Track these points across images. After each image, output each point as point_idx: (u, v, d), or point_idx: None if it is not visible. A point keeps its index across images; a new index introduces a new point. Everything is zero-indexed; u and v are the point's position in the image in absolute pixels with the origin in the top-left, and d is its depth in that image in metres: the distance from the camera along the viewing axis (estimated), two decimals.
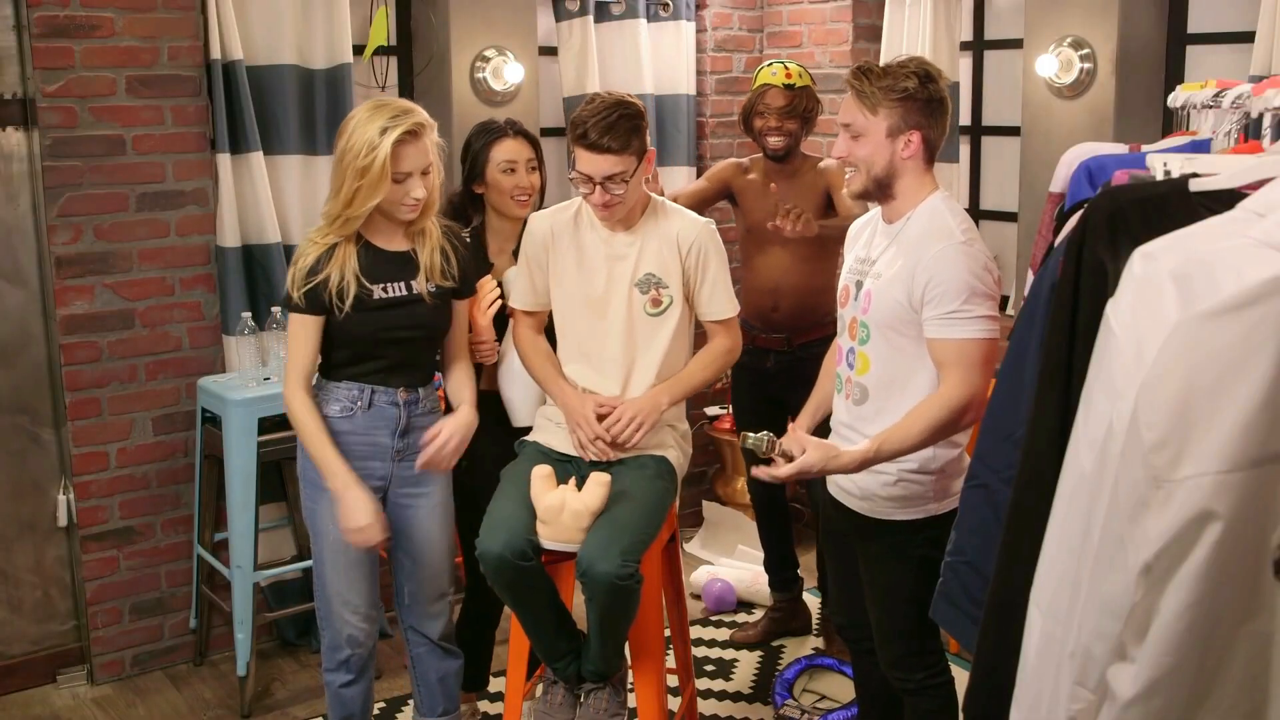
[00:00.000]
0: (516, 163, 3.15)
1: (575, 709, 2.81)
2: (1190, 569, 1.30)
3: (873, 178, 2.52)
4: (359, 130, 2.69)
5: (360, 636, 2.90)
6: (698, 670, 3.77)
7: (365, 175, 2.67)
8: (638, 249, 2.85)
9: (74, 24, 3.47)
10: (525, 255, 2.94)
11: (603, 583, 2.59)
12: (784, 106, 3.68)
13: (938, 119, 2.51)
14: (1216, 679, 1.35)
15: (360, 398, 2.82)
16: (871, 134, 2.49)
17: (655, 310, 2.86)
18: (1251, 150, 2.15)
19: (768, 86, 3.69)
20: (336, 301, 2.72)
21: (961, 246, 2.43)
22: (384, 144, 2.65)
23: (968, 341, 2.41)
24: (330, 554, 2.84)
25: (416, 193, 2.73)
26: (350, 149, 2.69)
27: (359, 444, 2.82)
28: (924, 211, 2.51)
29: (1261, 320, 1.25)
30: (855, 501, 2.63)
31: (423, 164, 2.74)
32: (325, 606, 2.90)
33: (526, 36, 4.31)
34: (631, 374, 2.87)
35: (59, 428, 3.73)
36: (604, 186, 2.73)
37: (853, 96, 2.52)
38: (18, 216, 3.63)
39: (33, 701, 3.72)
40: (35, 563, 3.77)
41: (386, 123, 2.68)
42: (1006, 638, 1.68)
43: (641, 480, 2.79)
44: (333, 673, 2.92)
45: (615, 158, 2.71)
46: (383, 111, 2.70)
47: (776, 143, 3.69)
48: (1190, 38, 3.91)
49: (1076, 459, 1.48)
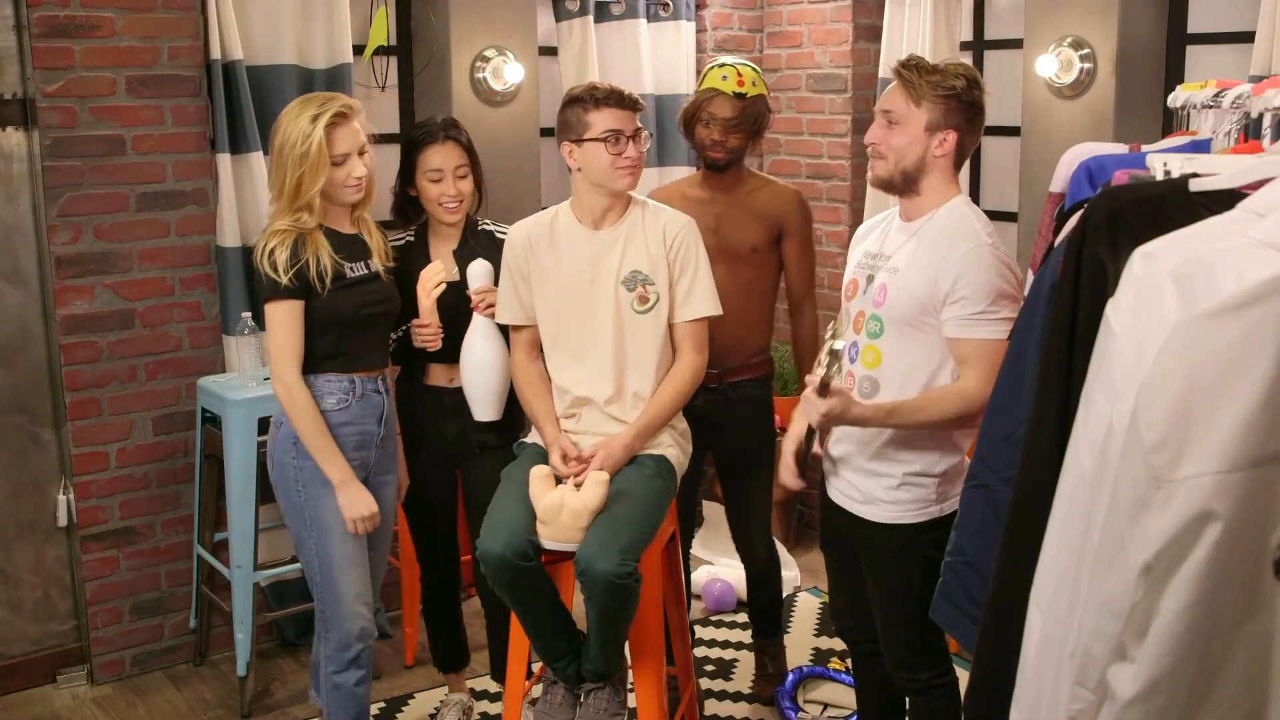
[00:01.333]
0: (443, 171, 3.09)
1: (575, 709, 2.81)
2: (1190, 569, 1.30)
3: (901, 169, 2.52)
4: (291, 124, 2.83)
5: (370, 629, 2.96)
6: (698, 670, 3.77)
7: (305, 161, 2.80)
8: (621, 246, 2.85)
9: (74, 24, 3.47)
10: (507, 268, 2.95)
11: (601, 582, 2.59)
12: (731, 118, 3.29)
13: (975, 125, 2.53)
14: (1216, 679, 1.35)
15: (352, 389, 2.92)
16: (910, 124, 2.49)
17: (642, 308, 2.86)
18: (1251, 150, 2.15)
19: (714, 93, 3.30)
20: (317, 284, 2.83)
21: (989, 248, 2.45)
22: (317, 129, 2.80)
23: (992, 342, 2.42)
24: (339, 550, 2.88)
25: (358, 171, 2.89)
26: (287, 142, 2.82)
27: (354, 434, 2.91)
28: (948, 212, 2.52)
29: (1261, 320, 1.25)
30: (857, 506, 2.63)
31: (357, 144, 2.90)
32: (333, 605, 2.90)
33: (526, 36, 4.31)
34: (625, 374, 2.87)
35: (59, 428, 3.72)
36: (634, 142, 2.80)
37: (899, 85, 2.52)
38: (18, 216, 3.63)
39: (33, 701, 3.72)
40: (35, 563, 3.77)
41: (316, 110, 2.83)
42: (1006, 638, 1.68)
43: (640, 479, 2.79)
44: (344, 673, 2.92)
45: (634, 114, 2.84)
46: (310, 103, 2.86)
47: (717, 156, 3.34)
48: (1190, 38, 3.91)
49: (1076, 459, 1.48)
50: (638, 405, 2.87)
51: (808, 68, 4.82)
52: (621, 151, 2.80)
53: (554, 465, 2.80)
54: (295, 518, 2.91)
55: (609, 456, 2.78)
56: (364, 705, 2.98)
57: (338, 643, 2.91)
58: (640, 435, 2.83)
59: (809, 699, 3.68)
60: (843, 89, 4.70)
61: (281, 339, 2.83)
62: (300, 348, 2.84)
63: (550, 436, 2.86)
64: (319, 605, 2.95)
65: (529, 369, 2.98)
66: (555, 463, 2.81)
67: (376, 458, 3.00)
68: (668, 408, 2.87)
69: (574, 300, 2.87)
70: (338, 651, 2.91)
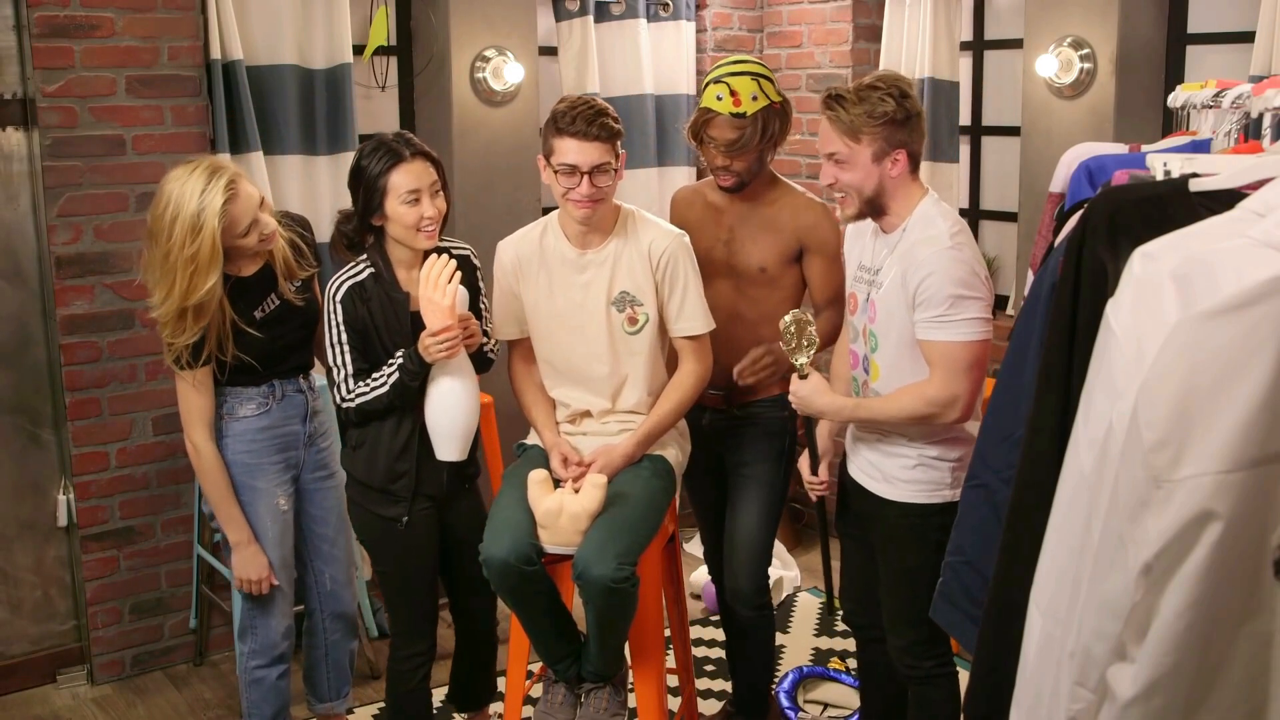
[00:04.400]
0: (420, 190, 2.70)
1: (575, 709, 2.81)
2: (1190, 569, 1.30)
3: (865, 200, 2.54)
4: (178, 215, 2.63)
5: (292, 625, 3.06)
6: (698, 670, 3.77)
7: (195, 261, 2.64)
8: (610, 266, 2.82)
9: (74, 24, 3.47)
10: (499, 285, 2.92)
11: (599, 586, 2.59)
12: (733, 142, 2.90)
13: (918, 133, 2.53)
14: (1216, 679, 1.34)
15: (271, 393, 2.94)
16: (857, 160, 2.50)
17: (633, 329, 2.84)
18: (1251, 150, 2.15)
19: (712, 114, 2.92)
20: (219, 355, 2.79)
21: (949, 251, 2.45)
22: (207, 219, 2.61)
23: (952, 344, 2.45)
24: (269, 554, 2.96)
25: (268, 228, 2.78)
26: (175, 243, 2.63)
27: (277, 437, 2.93)
28: (918, 219, 2.53)
29: (1261, 320, 1.25)
30: (874, 484, 2.66)
31: (254, 207, 2.73)
32: (261, 606, 3.00)
33: (526, 36, 4.31)
34: (622, 389, 2.88)
35: (59, 428, 3.72)
36: (591, 178, 2.69)
37: (831, 125, 2.50)
38: (18, 216, 3.62)
39: (33, 701, 3.72)
40: (35, 563, 3.77)
41: (196, 211, 2.62)
42: (1006, 638, 1.68)
43: (639, 480, 2.79)
44: (268, 668, 3.03)
45: (604, 146, 2.68)
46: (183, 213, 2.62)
47: (725, 182, 3.00)
48: (1190, 38, 3.91)
49: (1076, 459, 1.48)
50: (636, 416, 2.88)
51: (808, 68, 4.82)
52: (574, 186, 2.69)
53: (555, 470, 2.80)
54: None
55: (609, 464, 2.78)
56: (285, 699, 3.08)
57: (262, 641, 3.01)
58: (641, 444, 2.83)
59: (809, 699, 3.67)
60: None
61: (188, 404, 2.84)
62: (207, 408, 2.86)
63: (550, 441, 2.86)
64: (245, 604, 3.02)
65: (528, 375, 2.97)
66: (556, 467, 2.80)
67: (308, 457, 3.03)
68: (669, 416, 2.87)
69: (565, 324, 2.85)
70: (263, 649, 3.02)
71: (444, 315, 2.65)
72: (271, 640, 3.00)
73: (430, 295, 2.65)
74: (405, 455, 2.81)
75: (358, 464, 2.85)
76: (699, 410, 3.09)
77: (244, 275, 2.85)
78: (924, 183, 2.60)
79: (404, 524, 2.83)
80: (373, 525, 2.87)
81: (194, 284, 2.64)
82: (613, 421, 2.89)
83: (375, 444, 2.82)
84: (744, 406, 3.11)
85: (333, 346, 2.77)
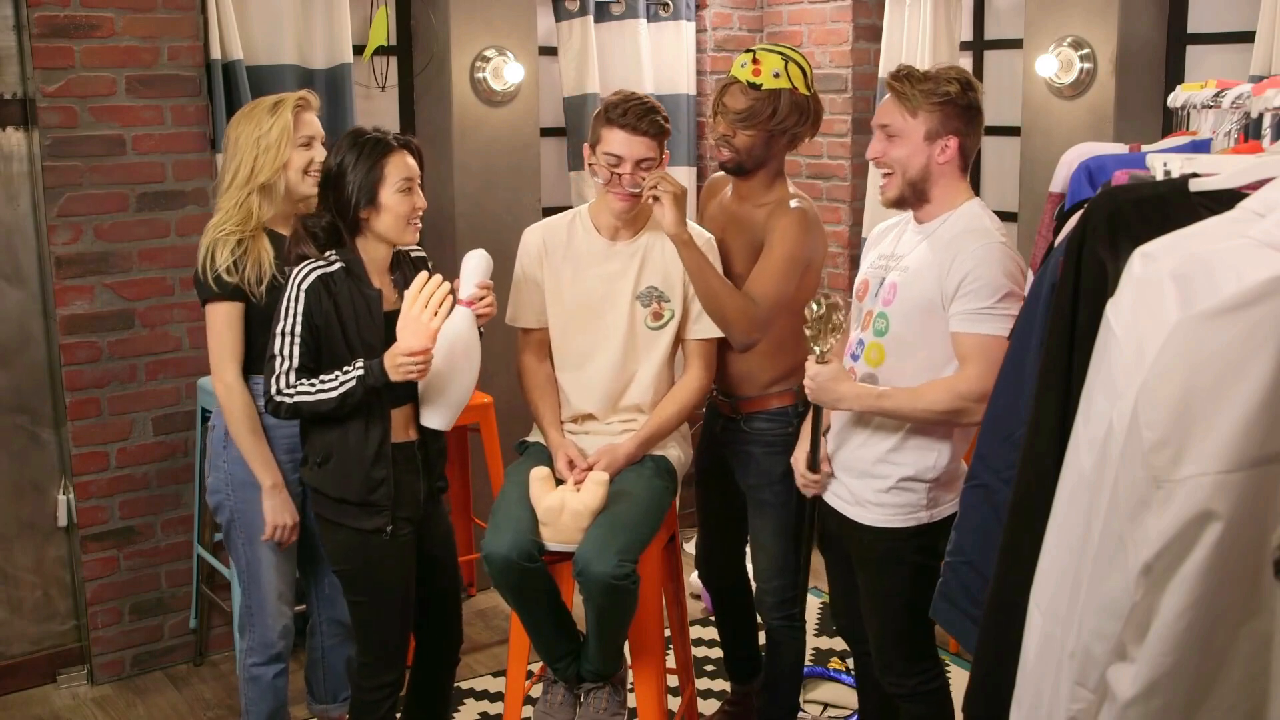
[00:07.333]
0: (413, 180, 2.64)
1: (575, 709, 2.81)
2: (1190, 569, 1.30)
3: (908, 181, 2.51)
4: (246, 118, 2.83)
5: (290, 625, 3.03)
6: (698, 670, 3.77)
7: (263, 143, 2.77)
8: (640, 259, 2.84)
9: (74, 24, 3.47)
10: (520, 270, 2.93)
11: (599, 583, 2.59)
12: (740, 111, 2.82)
13: (974, 127, 2.53)
14: (1216, 679, 1.34)
15: None
16: (909, 136, 2.49)
17: (656, 324, 2.85)
18: (1251, 150, 2.15)
19: (732, 80, 2.85)
20: (255, 290, 2.76)
21: (1001, 246, 2.45)
22: (282, 114, 2.79)
23: (994, 338, 2.40)
24: (265, 551, 2.92)
25: (320, 157, 2.81)
26: (251, 126, 2.79)
27: (286, 436, 2.89)
28: (964, 213, 2.52)
29: (1261, 320, 1.25)
30: (849, 507, 2.64)
31: (319, 131, 2.87)
32: (259, 604, 2.98)
33: (526, 36, 4.31)
34: (628, 386, 2.87)
35: (59, 428, 3.72)
36: (634, 171, 2.73)
37: (892, 98, 2.51)
38: (18, 216, 3.62)
39: (33, 701, 3.72)
40: (35, 563, 3.77)
41: (275, 101, 2.83)
42: (1006, 638, 1.68)
43: (640, 479, 2.79)
44: (264, 666, 3.01)
45: (650, 141, 2.73)
46: (263, 101, 2.86)
47: (722, 157, 2.91)
48: (1190, 38, 3.91)
49: (1076, 459, 1.48)
50: (636, 417, 2.88)
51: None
52: (618, 178, 2.75)
53: (559, 470, 2.80)
54: (224, 516, 2.95)
55: (612, 463, 2.79)
56: (282, 698, 3.07)
57: (259, 639, 3.00)
58: (643, 446, 2.84)
59: (809, 699, 3.67)
60: (843, 89, 4.70)
61: (221, 340, 2.81)
62: (240, 349, 2.81)
63: (555, 441, 2.86)
64: (244, 600, 3.01)
65: (537, 371, 2.96)
66: (560, 467, 2.80)
67: None
68: (673, 419, 2.88)
69: (585, 310, 2.86)
70: (260, 647, 3.00)
71: (427, 337, 2.51)
72: (268, 639, 2.99)
73: (418, 315, 2.52)
74: (380, 462, 2.64)
75: (328, 480, 2.66)
76: (714, 416, 3.14)
77: (282, 234, 2.83)
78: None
79: (388, 533, 2.66)
80: (350, 543, 2.69)
81: (260, 163, 2.78)
82: (616, 421, 2.89)
83: (344, 455, 2.64)
84: (750, 418, 3.03)
85: (282, 335, 2.58)
